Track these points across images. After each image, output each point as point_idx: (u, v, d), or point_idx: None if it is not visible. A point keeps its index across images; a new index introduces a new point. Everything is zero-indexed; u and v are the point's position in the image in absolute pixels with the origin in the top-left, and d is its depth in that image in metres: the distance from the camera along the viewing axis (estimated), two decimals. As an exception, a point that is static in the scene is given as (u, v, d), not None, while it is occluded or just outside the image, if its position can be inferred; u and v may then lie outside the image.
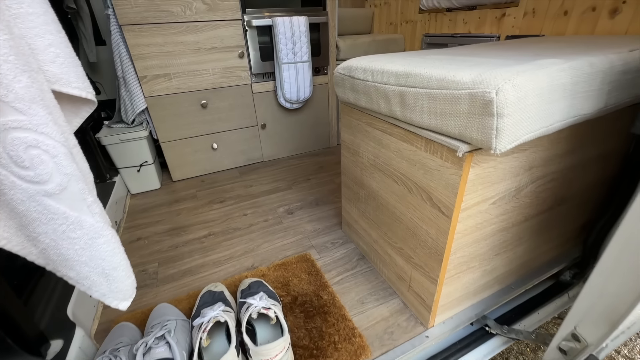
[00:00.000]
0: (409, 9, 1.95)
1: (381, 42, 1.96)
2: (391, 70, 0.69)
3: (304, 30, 1.60)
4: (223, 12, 1.48)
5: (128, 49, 1.40)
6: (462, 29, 1.64)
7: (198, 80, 1.57)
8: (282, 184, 1.65)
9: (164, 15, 1.39)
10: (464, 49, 0.93)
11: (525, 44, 0.94)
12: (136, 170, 1.56)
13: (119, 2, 1.31)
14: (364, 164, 0.95)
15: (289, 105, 1.78)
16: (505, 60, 0.63)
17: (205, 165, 1.78)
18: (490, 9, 1.47)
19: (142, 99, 1.49)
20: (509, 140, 0.51)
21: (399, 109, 0.69)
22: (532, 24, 1.32)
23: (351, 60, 0.87)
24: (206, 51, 1.53)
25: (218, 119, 1.70)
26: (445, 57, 0.75)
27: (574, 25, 1.18)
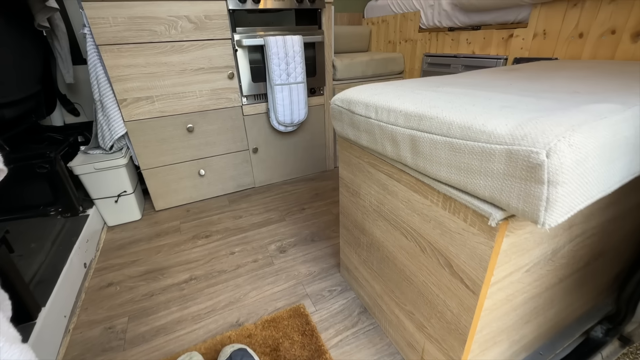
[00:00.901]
0: (408, 27, 1.87)
1: (380, 61, 1.87)
2: (399, 109, 0.57)
3: (298, 50, 1.50)
4: (211, 31, 1.38)
5: (106, 70, 1.28)
6: (465, 49, 1.56)
7: (184, 103, 1.45)
8: (275, 215, 1.51)
9: (146, 35, 1.28)
10: (479, 76, 0.82)
11: (548, 71, 0.83)
12: (114, 201, 1.42)
13: (97, 21, 1.20)
14: (365, 207, 0.82)
15: (283, 128, 1.67)
16: (542, 99, 0.52)
17: (192, 193, 1.65)
18: (496, 29, 1.39)
19: (121, 123, 1.36)
20: (562, 212, 0.39)
21: (409, 155, 0.57)
22: (543, 46, 1.22)
23: (350, 91, 0.75)
24: (193, 72, 1.41)
25: (205, 144, 1.57)
26: (462, 90, 0.64)
27: (590, 49, 1.09)
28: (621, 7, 0.99)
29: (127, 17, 1.23)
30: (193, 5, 1.31)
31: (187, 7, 1.30)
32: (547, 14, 1.19)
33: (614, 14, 1.01)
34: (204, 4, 1.33)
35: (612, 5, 1.01)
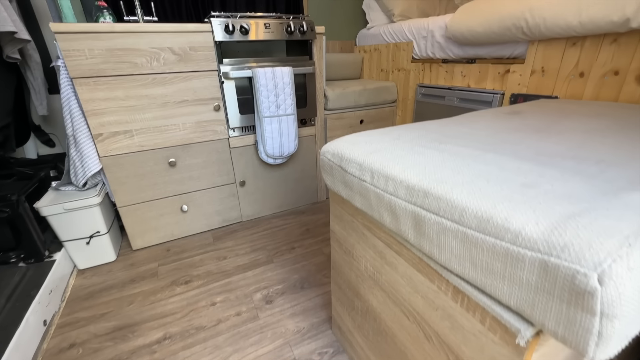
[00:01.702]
0: (400, 57, 1.84)
1: (372, 90, 1.83)
2: (399, 177, 0.49)
3: (288, 81, 1.43)
4: (196, 62, 1.31)
5: (80, 104, 1.19)
6: (460, 82, 1.52)
7: (165, 137, 1.36)
8: (262, 255, 1.40)
9: (126, 67, 1.21)
10: (482, 124, 0.75)
11: (555, 118, 0.77)
12: (85, 242, 1.30)
13: (71, 54, 1.12)
14: (360, 270, 0.72)
15: (272, 160, 1.58)
16: (566, 172, 0.44)
17: (173, 229, 1.53)
18: (492, 63, 1.35)
19: (96, 160, 1.26)
20: (617, 344, 0.30)
21: (411, 232, 0.48)
22: (542, 83, 1.18)
23: (342, 143, 0.67)
24: (176, 104, 1.33)
25: (189, 178, 1.47)
26: (469, 151, 0.56)
27: (592, 89, 1.05)
28: (623, 48, 0.95)
29: (105, 50, 1.15)
30: (177, 37, 1.24)
31: (171, 38, 1.24)
32: (544, 51, 1.15)
33: (616, 55, 0.97)
34: (189, 36, 1.26)
35: (613, 45, 0.97)
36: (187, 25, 1.25)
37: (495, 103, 1.34)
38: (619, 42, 0.96)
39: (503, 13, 1.18)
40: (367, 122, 1.89)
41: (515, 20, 1.15)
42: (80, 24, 1.09)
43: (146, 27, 1.18)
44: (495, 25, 1.22)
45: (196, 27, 1.26)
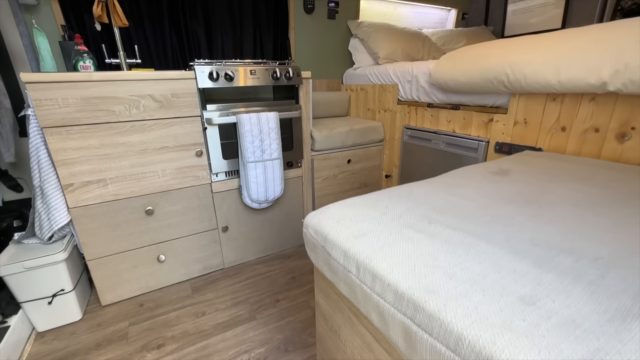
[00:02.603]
0: (386, 98, 1.87)
1: (359, 131, 1.82)
2: (387, 280, 0.44)
3: (273, 126, 1.41)
4: (178, 109, 1.28)
5: (50, 154, 1.12)
6: (445, 127, 1.53)
7: (143, 184, 1.29)
8: (244, 310, 1.30)
9: (103, 115, 1.15)
10: (471, 190, 0.72)
11: (544, 183, 0.75)
12: (47, 302, 1.18)
13: (43, 103, 1.06)
14: (347, 354, 0.66)
15: (257, 205, 1.53)
16: (564, 276, 0.40)
17: (148, 281, 1.42)
18: (476, 111, 1.37)
19: (64, 212, 1.17)
20: None
21: (402, 342, 0.43)
22: (526, 134, 1.19)
23: (325, 217, 0.63)
24: (155, 151, 1.28)
25: (168, 226, 1.39)
26: (461, 237, 0.52)
27: (574, 143, 1.05)
28: (602, 107, 0.97)
29: (80, 98, 1.10)
30: (159, 84, 1.21)
31: (152, 86, 1.20)
32: (526, 104, 1.17)
33: (595, 113, 0.99)
34: (172, 83, 1.24)
35: (592, 104, 0.99)
36: (170, 73, 1.22)
37: (480, 150, 1.35)
38: (597, 101, 0.98)
39: (485, 66, 1.21)
40: (355, 162, 1.88)
41: (496, 74, 1.17)
42: (55, 74, 1.05)
43: (126, 75, 1.15)
44: (478, 77, 1.24)
45: (179, 74, 1.24)
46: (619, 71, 0.85)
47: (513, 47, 1.15)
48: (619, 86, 0.86)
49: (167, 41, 1.68)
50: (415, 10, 2.50)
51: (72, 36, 1.43)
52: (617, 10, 1.95)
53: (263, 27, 1.91)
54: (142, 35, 1.63)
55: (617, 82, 0.87)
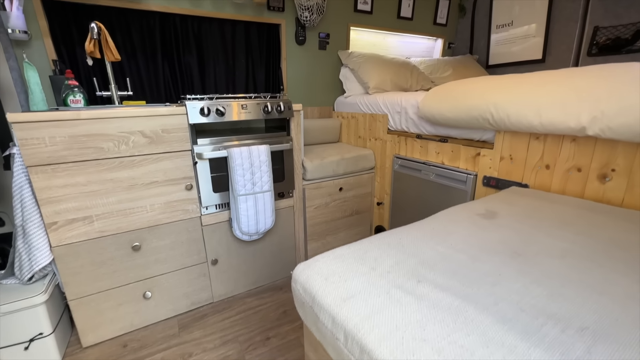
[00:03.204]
0: (377, 127, 1.90)
1: (350, 159, 1.84)
2: (375, 355, 0.43)
3: (264, 159, 1.41)
4: (168, 144, 1.27)
5: (34, 192, 1.10)
6: (434, 158, 1.56)
7: (130, 220, 1.27)
8: (233, 350, 1.26)
9: (90, 152, 1.14)
10: (468, 242, 0.73)
11: (532, 230, 0.76)
12: (23, 347, 1.12)
13: (29, 142, 1.05)
14: (337, 416, 0.63)
15: (247, 237, 1.51)
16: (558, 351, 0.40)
17: (133, 319, 1.37)
18: (464, 145, 1.40)
19: (46, 252, 1.13)
20: None
21: (391, 422, 0.42)
22: (512, 170, 1.22)
23: (313, 273, 0.62)
24: (144, 186, 1.26)
25: (155, 261, 1.36)
26: (450, 300, 0.52)
27: (559, 181, 1.08)
28: (583, 148, 1.01)
29: (67, 136, 1.09)
30: (149, 120, 1.21)
31: (142, 122, 1.20)
32: (511, 141, 1.20)
33: (576, 153, 1.02)
34: (162, 119, 1.24)
35: (573, 144, 1.03)
36: (160, 109, 1.23)
37: (469, 183, 1.37)
38: (578, 142, 1.01)
39: (470, 103, 1.25)
40: (346, 190, 1.88)
41: (481, 112, 1.21)
42: (42, 114, 1.04)
43: (115, 112, 1.15)
44: (464, 114, 1.28)
45: (170, 110, 1.24)
46: (597, 117, 0.89)
47: (497, 86, 1.19)
48: (597, 131, 0.90)
49: (159, 72, 1.70)
50: (403, 40, 2.60)
51: (63, 70, 1.43)
52: (592, 44, 2.05)
53: (255, 58, 1.94)
54: (134, 67, 1.64)
55: (595, 128, 0.90)
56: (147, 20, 1.61)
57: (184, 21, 1.69)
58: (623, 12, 1.90)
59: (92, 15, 1.49)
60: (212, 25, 1.77)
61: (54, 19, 1.43)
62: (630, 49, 1.90)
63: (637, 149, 0.90)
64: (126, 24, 1.57)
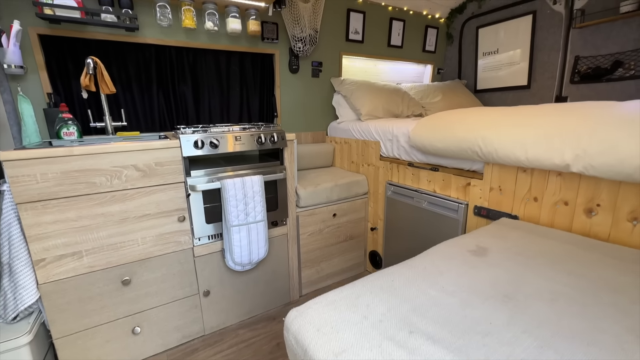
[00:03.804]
0: (369, 153, 1.93)
1: (343, 186, 1.86)
2: (367, 422, 0.43)
3: (258, 189, 1.42)
4: (162, 176, 1.27)
5: (23, 229, 1.08)
6: (426, 186, 1.58)
7: (121, 254, 1.25)
8: (224, 390, 1.22)
9: (82, 188, 1.14)
10: (459, 283, 0.73)
11: (522, 271, 0.77)
12: (4, 392, 1.07)
13: (20, 179, 1.04)
14: None
15: (240, 268, 1.49)
16: None
17: (121, 355, 1.32)
18: (454, 174, 1.42)
19: (33, 290, 1.11)
20: None
21: None
22: (502, 200, 1.24)
23: (305, 322, 0.62)
24: (135, 219, 1.25)
25: (145, 295, 1.33)
26: (441, 353, 0.52)
27: (547, 214, 1.10)
28: (568, 183, 1.03)
29: (59, 173, 1.09)
30: (142, 154, 1.22)
31: (136, 156, 1.21)
32: (500, 173, 1.23)
33: (563, 187, 1.05)
34: (156, 152, 1.24)
35: (559, 178, 1.06)
36: (154, 143, 1.24)
37: (460, 212, 1.38)
38: (563, 176, 1.04)
39: (460, 136, 1.28)
40: (340, 215, 1.89)
41: (470, 144, 1.24)
42: (34, 151, 1.04)
43: (109, 148, 1.15)
44: (453, 145, 1.31)
45: (163, 144, 1.25)
46: (579, 156, 0.92)
47: (485, 120, 1.23)
48: (581, 169, 0.93)
49: (154, 102, 1.72)
50: (394, 67, 2.68)
51: (58, 103, 1.44)
52: (575, 72, 2.14)
53: (250, 86, 1.98)
54: (129, 97, 1.66)
55: (578, 165, 0.93)
56: (143, 53, 1.64)
57: (179, 53, 1.73)
58: (601, 43, 2.00)
59: (88, 49, 1.52)
60: (207, 56, 1.81)
61: (51, 53, 1.45)
62: (610, 77, 1.99)
63: (619, 185, 0.93)
64: (122, 56, 1.60)
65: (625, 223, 0.93)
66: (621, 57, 1.93)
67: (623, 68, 1.93)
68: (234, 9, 1.69)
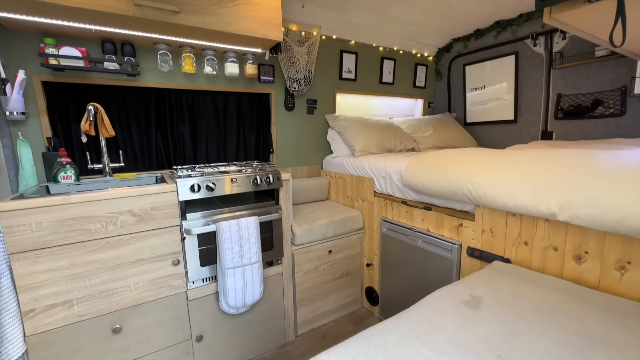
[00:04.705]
0: (363, 189, 1.96)
1: (339, 222, 1.87)
2: None
3: (253, 231, 1.43)
4: (157, 221, 1.28)
5: (13, 280, 1.07)
6: (420, 224, 1.60)
7: (112, 301, 1.23)
8: None
9: (77, 235, 1.14)
10: (454, 341, 0.73)
11: (523, 319, 0.77)
12: None
13: (15, 229, 1.04)
14: None
15: (234, 311, 1.46)
16: None
17: (107, 410, 1.27)
18: (447, 214, 1.45)
19: (19, 343, 1.07)
20: None
21: None
22: (494, 243, 1.26)
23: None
24: (129, 265, 1.24)
25: (136, 343, 1.29)
26: None
27: (538, 258, 1.12)
28: (556, 228, 1.06)
29: (55, 221, 1.10)
30: (139, 199, 1.23)
31: (132, 201, 1.22)
32: (490, 216, 1.26)
33: (551, 233, 1.07)
34: (152, 197, 1.26)
35: (547, 224, 1.08)
36: (151, 188, 1.25)
37: (454, 252, 1.40)
38: (551, 222, 1.07)
39: (450, 179, 1.32)
40: (336, 252, 1.89)
41: (460, 187, 1.27)
42: (32, 200, 1.05)
43: (106, 194, 1.16)
44: (445, 187, 1.35)
45: (160, 188, 1.27)
46: (564, 206, 0.95)
47: (474, 164, 1.28)
48: (567, 218, 0.96)
49: (152, 141, 1.75)
50: (386, 102, 2.78)
51: (57, 147, 1.47)
52: (558, 109, 2.25)
53: (246, 124, 2.04)
54: (128, 137, 1.70)
55: (564, 215, 0.96)
56: (144, 95, 1.70)
57: (178, 94, 1.79)
58: (580, 83, 2.12)
59: (90, 93, 1.57)
60: (205, 96, 1.88)
61: (52, 98, 1.49)
62: (591, 114, 2.08)
63: (605, 234, 0.95)
64: (122, 99, 1.65)
65: (614, 271, 0.95)
66: (600, 96, 2.03)
67: (603, 106, 2.03)
68: (232, 54, 1.78)
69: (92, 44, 1.51)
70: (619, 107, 1.95)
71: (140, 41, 1.56)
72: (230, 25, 1.44)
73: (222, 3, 1.41)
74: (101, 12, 1.21)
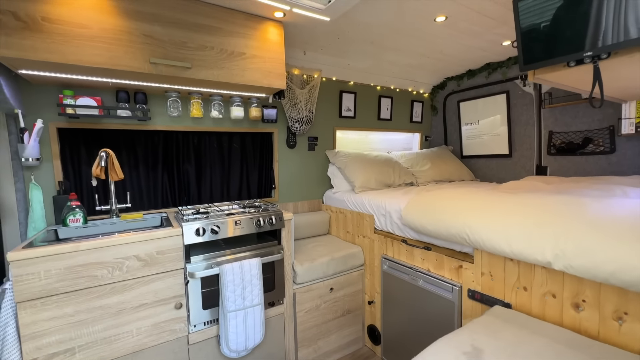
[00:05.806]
0: (364, 225, 1.99)
1: (340, 259, 1.88)
2: None
3: (255, 273, 1.44)
4: (162, 264, 1.30)
5: (18, 329, 1.08)
6: (420, 264, 1.62)
7: (114, 347, 1.22)
8: None
9: (83, 282, 1.16)
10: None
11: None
12: None
13: (24, 278, 1.06)
14: None
15: (235, 355, 1.45)
16: None
17: None
18: (446, 255, 1.47)
19: (19, 395, 1.06)
20: None
21: None
22: (494, 286, 1.28)
23: None
24: (132, 310, 1.25)
25: (134, 391, 1.27)
26: None
27: (538, 304, 1.13)
28: (553, 276, 1.09)
29: (63, 268, 1.12)
30: (145, 244, 1.26)
31: (138, 246, 1.25)
32: (489, 259, 1.29)
33: (549, 280, 1.10)
34: (158, 241, 1.29)
35: (545, 271, 1.11)
36: (157, 232, 1.29)
37: (455, 294, 1.41)
38: (548, 269, 1.10)
39: (448, 222, 1.36)
40: (337, 289, 1.88)
41: (458, 231, 1.31)
42: (43, 249, 1.08)
43: (114, 240, 1.20)
44: (443, 229, 1.38)
45: (166, 233, 1.30)
46: (558, 256, 0.99)
47: (470, 207, 1.32)
48: (562, 267, 0.99)
49: (158, 181, 1.81)
50: (384, 136, 2.88)
51: (68, 190, 1.52)
52: (550, 145, 2.33)
53: (250, 161, 2.11)
54: (135, 177, 1.75)
55: (559, 264, 0.99)
56: (152, 138, 1.77)
57: (185, 136, 1.87)
58: (571, 121, 2.21)
59: (101, 137, 1.64)
60: (210, 137, 1.95)
61: (65, 142, 1.56)
62: (582, 151, 2.16)
63: (600, 284, 0.98)
64: (132, 142, 1.72)
65: (612, 321, 0.96)
66: (590, 134, 2.12)
67: (593, 144, 2.11)
68: (237, 99, 1.88)
69: (107, 93, 1.60)
70: (609, 145, 2.03)
71: (153, 90, 1.66)
72: (237, 77, 1.54)
73: (230, 57, 1.52)
74: (120, 70, 1.30)
